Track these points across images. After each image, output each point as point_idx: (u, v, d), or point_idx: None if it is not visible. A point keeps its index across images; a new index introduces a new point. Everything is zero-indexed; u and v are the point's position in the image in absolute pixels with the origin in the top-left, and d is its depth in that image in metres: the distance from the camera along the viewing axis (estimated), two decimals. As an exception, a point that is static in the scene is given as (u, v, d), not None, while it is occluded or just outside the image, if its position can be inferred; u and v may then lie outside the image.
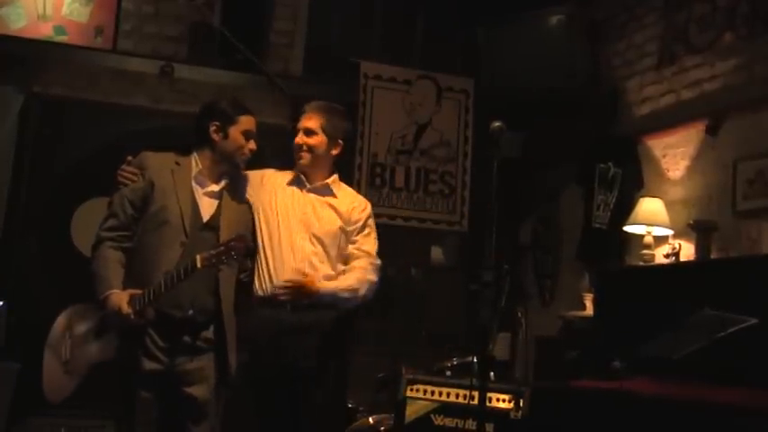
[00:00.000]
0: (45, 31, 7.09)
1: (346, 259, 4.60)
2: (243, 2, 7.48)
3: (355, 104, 7.63)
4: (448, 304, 7.35)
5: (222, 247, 4.02)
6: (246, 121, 4.40)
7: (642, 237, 6.13)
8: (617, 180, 6.65)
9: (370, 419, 5.52)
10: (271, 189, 4.65)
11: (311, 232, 4.51)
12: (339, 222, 4.58)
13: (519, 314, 7.02)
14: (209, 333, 4.18)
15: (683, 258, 5.98)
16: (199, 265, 3.98)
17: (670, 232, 6.09)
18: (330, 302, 4.46)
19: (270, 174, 4.77)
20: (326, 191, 4.66)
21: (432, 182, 7.72)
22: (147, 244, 4.15)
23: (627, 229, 6.27)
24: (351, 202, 4.69)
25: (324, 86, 7.43)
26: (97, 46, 7.17)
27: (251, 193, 4.65)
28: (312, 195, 4.62)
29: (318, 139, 4.64)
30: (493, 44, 7.37)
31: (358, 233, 4.63)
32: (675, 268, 5.87)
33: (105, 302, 4.05)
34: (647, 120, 6.65)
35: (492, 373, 5.85)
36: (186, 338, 4.10)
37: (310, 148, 4.62)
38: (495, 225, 3.50)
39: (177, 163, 4.30)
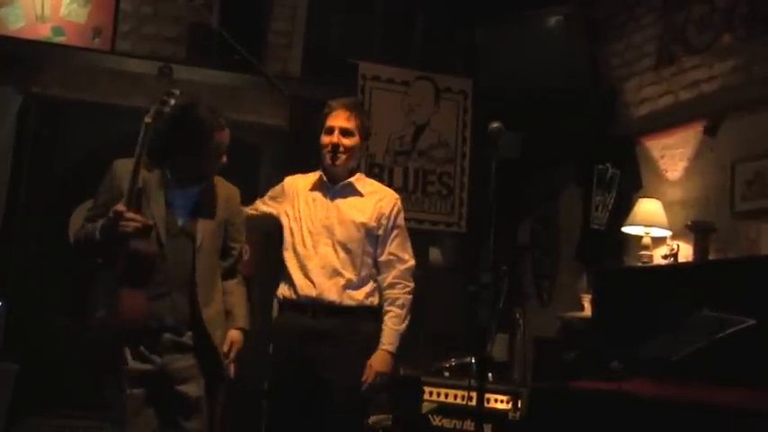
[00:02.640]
0: (43, 31, 7.08)
1: (380, 265, 4.51)
2: (241, 3, 7.48)
3: (354, 105, 7.62)
4: (446, 305, 7.35)
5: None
6: (219, 137, 4.20)
7: (640, 238, 6.13)
8: (615, 181, 6.65)
9: (370, 420, 5.52)
10: (293, 195, 4.58)
11: (335, 238, 4.43)
12: (365, 225, 4.46)
13: (517, 315, 7.05)
14: (191, 335, 4.12)
15: (681, 259, 5.98)
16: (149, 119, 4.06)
17: (668, 233, 6.09)
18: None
19: (290, 180, 4.69)
20: (351, 190, 4.54)
21: (430, 183, 7.72)
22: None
23: (625, 229, 6.27)
24: (378, 200, 4.55)
25: (322, 87, 7.43)
26: (95, 47, 7.17)
27: (274, 206, 4.64)
28: (337, 199, 4.51)
29: (355, 140, 4.52)
30: (491, 44, 7.37)
31: (388, 237, 4.51)
32: (674, 269, 5.87)
33: (102, 231, 3.97)
34: (646, 120, 6.65)
35: (490, 374, 5.88)
36: (168, 336, 4.07)
37: (348, 150, 4.49)
38: (493, 226, 3.50)
39: (148, 170, 4.17)
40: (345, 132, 4.48)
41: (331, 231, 4.44)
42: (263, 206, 4.72)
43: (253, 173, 7.22)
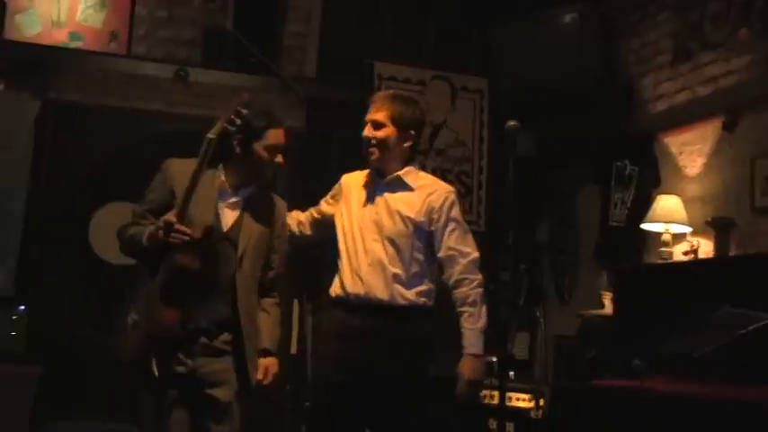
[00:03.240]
0: (60, 37, 7.12)
1: (442, 263, 4.33)
2: (256, 5, 7.49)
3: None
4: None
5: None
6: (273, 136, 4.16)
7: (660, 234, 6.11)
8: (634, 178, 6.64)
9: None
10: (347, 194, 4.48)
11: (383, 234, 4.29)
12: (413, 219, 4.29)
13: (537, 313, 7.03)
14: (226, 337, 4.09)
15: (701, 255, 5.96)
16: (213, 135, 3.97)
17: (688, 229, 6.07)
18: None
19: (346, 178, 4.58)
20: (400, 184, 4.37)
21: (448, 182, 7.63)
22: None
23: (644, 226, 6.25)
24: (429, 194, 4.35)
25: (338, 88, 7.47)
26: (112, 51, 7.20)
27: (334, 204, 4.54)
28: (385, 193, 4.36)
29: (388, 132, 4.35)
30: (506, 43, 7.36)
31: (444, 232, 4.32)
32: (694, 265, 5.85)
33: (150, 239, 3.95)
34: (663, 117, 6.63)
35: (512, 373, 5.89)
36: (203, 340, 4.07)
37: (380, 142, 4.35)
38: (512, 224, 3.47)
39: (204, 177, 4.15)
40: (375, 124, 4.36)
41: (379, 226, 4.30)
42: (326, 207, 4.61)
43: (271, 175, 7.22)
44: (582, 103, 7.02)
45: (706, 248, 5.96)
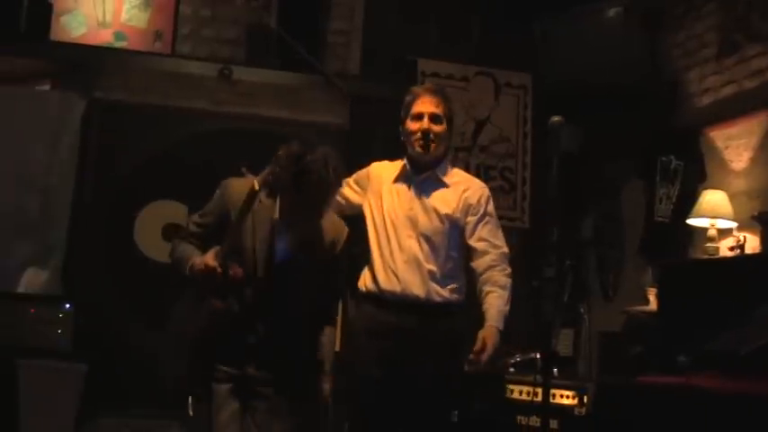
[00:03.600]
0: (105, 37, 7.19)
1: (472, 252, 4.32)
2: (299, 2, 7.51)
3: (413, 102, 7.63)
4: (510, 301, 7.33)
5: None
6: (327, 189, 4.03)
7: (706, 230, 6.06)
8: (679, 173, 6.59)
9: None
10: (377, 186, 4.44)
11: (418, 231, 4.27)
12: (449, 216, 4.29)
13: (582, 309, 7.00)
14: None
15: (747, 251, 5.90)
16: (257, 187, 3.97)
17: (734, 224, 6.01)
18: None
19: (376, 167, 4.56)
20: (436, 180, 4.37)
21: (492, 178, 7.68)
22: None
23: (690, 222, 6.20)
24: (463, 190, 4.36)
25: (381, 85, 7.47)
26: (156, 50, 7.26)
27: (359, 192, 4.49)
28: (421, 189, 4.35)
29: (444, 127, 4.36)
30: (550, 38, 7.32)
31: (478, 223, 4.31)
32: (740, 261, 5.79)
33: (192, 271, 3.92)
34: (709, 111, 6.57)
35: (555, 369, 5.86)
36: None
37: (437, 137, 4.33)
38: (556, 220, 3.45)
39: (260, 201, 4.09)
40: (435, 118, 4.33)
41: (414, 223, 4.28)
42: (350, 192, 4.55)
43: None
44: (627, 98, 6.97)
45: (752, 243, 5.90)
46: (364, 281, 4.38)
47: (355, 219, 4.54)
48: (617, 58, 6.90)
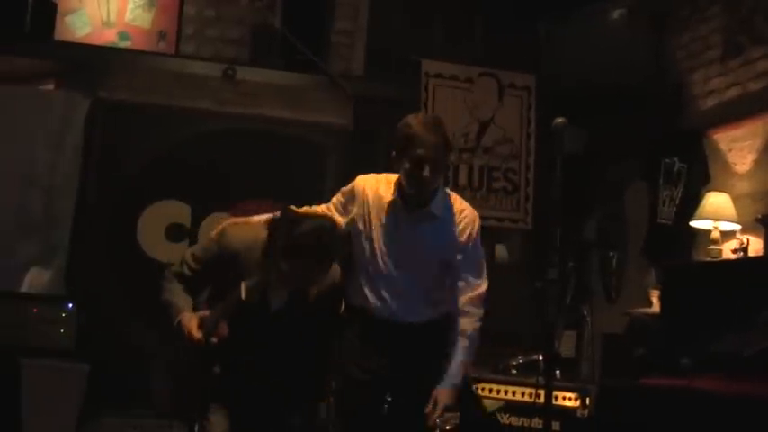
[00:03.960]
0: (109, 37, 7.20)
1: (455, 288, 4.18)
2: (304, 3, 7.52)
3: (417, 103, 7.63)
4: (512, 302, 7.32)
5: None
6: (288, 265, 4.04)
7: (709, 232, 6.05)
8: (682, 175, 6.58)
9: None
10: (364, 207, 4.22)
11: (408, 265, 4.12)
12: (440, 255, 4.15)
13: (584, 311, 6.98)
14: None
15: (751, 253, 5.89)
16: (243, 296, 3.98)
17: (737, 227, 6.01)
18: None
19: (362, 186, 4.28)
20: (428, 218, 4.15)
21: (495, 179, 7.68)
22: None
23: (693, 224, 6.20)
24: (455, 224, 4.18)
25: (385, 86, 7.48)
26: (160, 50, 7.27)
27: (345, 214, 4.27)
28: (412, 224, 4.14)
29: (440, 167, 4.12)
30: (554, 40, 7.33)
31: (463, 260, 4.16)
32: (743, 263, 5.79)
33: (178, 328, 3.97)
34: (713, 113, 6.56)
35: (558, 371, 5.85)
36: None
37: (436, 181, 4.12)
38: (559, 222, 3.43)
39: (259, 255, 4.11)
40: (436, 165, 4.06)
41: (405, 257, 4.13)
42: (338, 216, 4.30)
43: (317, 172, 7.25)
44: (631, 100, 6.96)
45: (756, 246, 5.89)
46: (355, 295, 4.23)
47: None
48: (621, 60, 6.89)
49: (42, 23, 7.00)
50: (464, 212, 4.25)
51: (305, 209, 4.19)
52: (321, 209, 4.34)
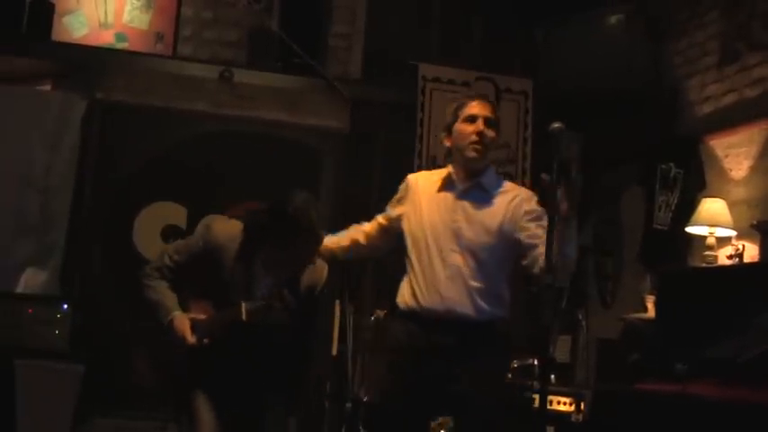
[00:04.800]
0: (106, 38, 7.21)
1: (523, 249, 3.92)
2: (301, 6, 7.52)
3: (414, 107, 7.64)
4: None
5: (264, 302, 4.02)
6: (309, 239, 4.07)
7: (705, 238, 6.06)
8: (678, 180, 6.58)
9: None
10: (416, 197, 4.14)
11: (463, 244, 3.95)
12: (498, 228, 3.94)
13: (580, 316, 6.99)
14: None
15: (746, 259, 5.89)
16: (244, 318, 4.00)
17: (733, 233, 6.01)
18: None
19: (413, 178, 4.28)
20: (482, 190, 4.04)
21: (491, 183, 7.67)
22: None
23: (689, 230, 6.20)
24: (513, 196, 4.02)
25: (383, 89, 7.49)
26: (157, 52, 7.27)
27: (397, 207, 4.23)
28: (466, 200, 4.02)
29: (495, 135, 4.09)
30: (551, 44, 7.33)
31: (532, 221, 3.91)
32: (739, 269, 5.79)
33: (169, 328, 4.02)
34: (709, 119, 6.56)
35: (553, 376, 5.86)
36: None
37: (492, 142, 4.06)
38: (555, 226, 3.41)
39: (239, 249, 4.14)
40: (489, 122, 4.04)
41: (459, 236, 3.96)
42: (394, 211, 4.28)
43: (314, 176, 7.25)
44: (628, 105, 6.97)
45: (751, 252, 5.89)
46: (403, 297, 4.07)
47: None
48: (618, 65, 6.90)
49: (39, 24, 6.99)
50: (521, 189, 4.18)
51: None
52: (372, 224, 4.36)
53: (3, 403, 5.93)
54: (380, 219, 4.34)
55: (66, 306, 6.43)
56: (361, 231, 4.39)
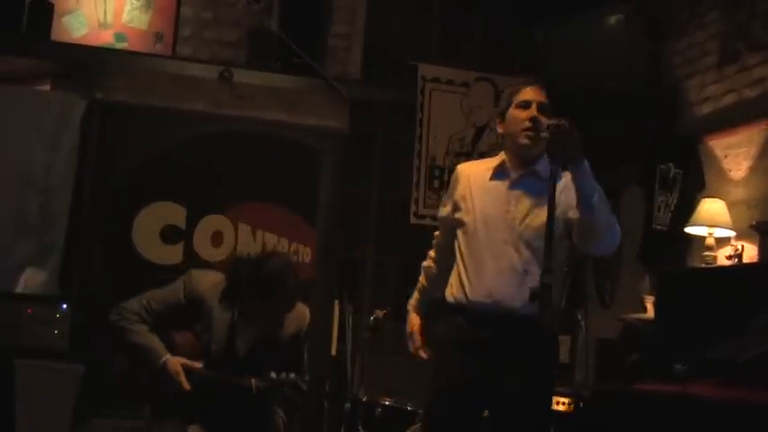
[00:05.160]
0: (106, 38, 7.20)
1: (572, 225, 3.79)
2: (301, 6, 7.52)
3: (413, 107, 7.64)
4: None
5: (273, 382, 4.11)
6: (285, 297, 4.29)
7: (704, 238, 6.05)
8: (678, 181, 6.58)
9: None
10: (466, 186, 3.98)
11: (517, 235, 3.78)
12: (556, 216, 3.55)
13: (579, 316, 6.98)
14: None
15: (745, 260, 5.89)
16: (254, 391, 4.07)
17: (732, 233, 6.01)
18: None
19: (464, 166, 4.13)
20: (537, 179, 3.85)
21: (490, 184, 7.67)
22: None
23: (688, 230, 6.19)
24: (567, 182, 3.77)
25: (382, 89, 7.49)
26: (157, 52, 7.26)
27: (448, 201, 4.07)
28: (519, 188, 3.86)
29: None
30: (551, 45, 7.32)
31: None
32: (738, 270, 5.79)
33: (163, 372, 4.18)
34: (709, 119, 6.56)
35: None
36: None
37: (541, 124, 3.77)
38: (553, 226, 3.40)
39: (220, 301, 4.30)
40: (543, 107, 3.91)
41: (512, 226, 3.78)
42: (448, 208, 4.11)
43: (313, 176, 7.25)
44: (627, 105, 6.97)
45: (750, 253, 5.89)
46: (451, 290, 3.93)
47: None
48: (618, 65, 6.89)
49: (39, 24, 6.99)
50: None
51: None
52: (437, 234, 4.25)
53: (2, 403, 5.93)
54: (439, 238, 4.23)
55: (65, 306, 6.43)
56: (432, 265, 4.30)
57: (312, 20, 7.57)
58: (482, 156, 7.68)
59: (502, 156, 4.02)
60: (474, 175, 4.01)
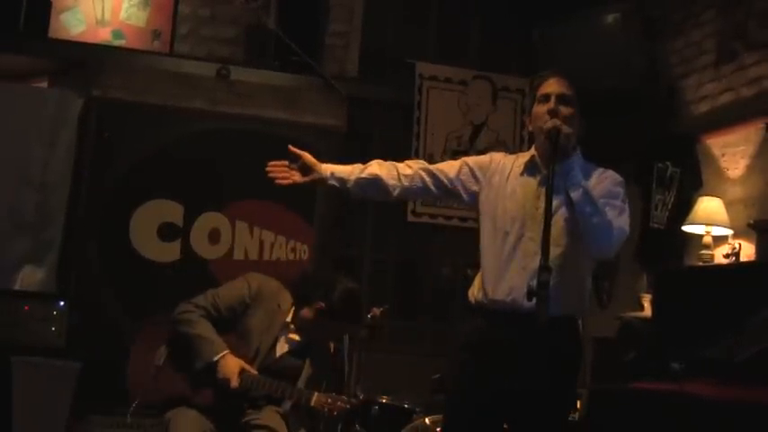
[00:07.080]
0: (103, 35, 7.19)
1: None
2: (298, 4, 7.51)
3: (411, 105, 7.64)
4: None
5: (339, 403, 4.21)
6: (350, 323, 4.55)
7: (701, 237, 6.07)
8: (675, 179, 6.59)
9: (427, 420, 5.51)
10: (497, 178, 3.85)
11: (542, 225, 3.43)
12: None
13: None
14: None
15: (743, 258, 5.91)
16: (313, 404, 4.18)
17: (729, 232, 6.02)
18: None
19: (499, 156, 3.97)
20: (567, 175, 3.63)
21: (487, 182, 7.67)
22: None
23: (685, 228, 6.21)
24: (597, 177, 3.78)
25: (379, 87, 7.49)
26: (155, 49, 7.25)
27: (476, 179, 3.91)
28: (548, 177, 3.52)
29: (573, 110, 3.76)
30: (549, 43, 7.32)
31: (602, 197, 3.66)
32: (735, 268, 5.80)
33: (217, 369, 4.23)
34: (706, 118, 6.57)
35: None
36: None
37: (566, 120, 3.69)
38: (550, 225, 3.38)
39: (278, 305, 4.44)
40: (562, 98, 3.74)
41: (540, 224, 3.44)
42: (467, 174, 3.96)
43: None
44: (624, 104, 6.96)
45: (747, 251, 5.90)
46: (473, 290, 3.82)
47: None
48: (615, 64, 6.90)
49: (37, 21, 6.98)
50: (606, 173, 3.93)
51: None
52: (442, 165, 4.09)
53: (-1, 400, 5.94)
54: (435, 170, 4.08)
55: (62, 303, 6.42)
56: (411, 167, 4.20)
57: (310, 18, 7.56)
58: (480, 154, 7.68)
59: (533, 151, 3.89)
60: (506, 166, 3.89)
